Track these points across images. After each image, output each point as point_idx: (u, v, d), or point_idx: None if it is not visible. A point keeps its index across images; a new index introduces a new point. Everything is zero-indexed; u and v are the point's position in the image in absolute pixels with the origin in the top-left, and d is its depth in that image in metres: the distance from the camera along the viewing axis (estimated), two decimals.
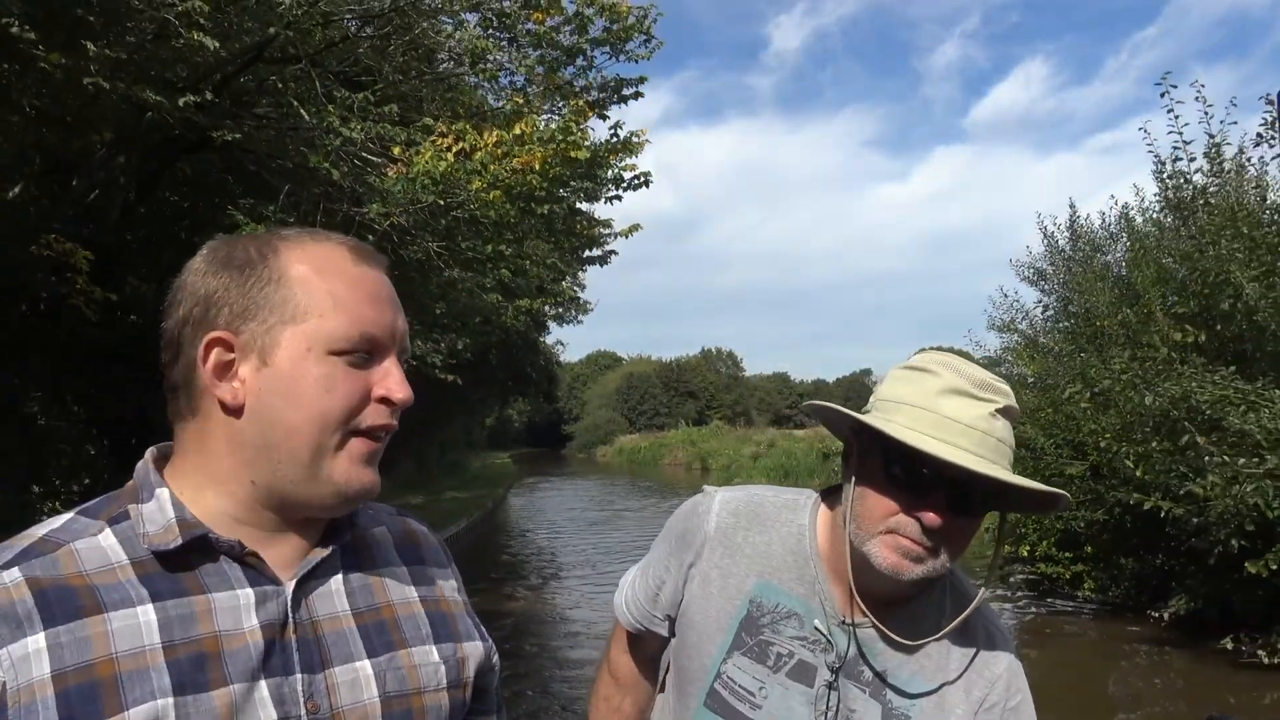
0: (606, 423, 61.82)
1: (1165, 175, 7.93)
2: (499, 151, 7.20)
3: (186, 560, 0.79)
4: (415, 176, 6.85)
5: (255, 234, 0.86)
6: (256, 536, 0.83)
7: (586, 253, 11.45)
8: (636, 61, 10.63)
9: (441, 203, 6.97)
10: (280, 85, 8.42)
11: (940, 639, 1.15)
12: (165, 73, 7.47)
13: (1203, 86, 7.85)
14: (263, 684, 0.78)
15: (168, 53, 7.32)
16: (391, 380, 0.84)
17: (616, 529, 17.58)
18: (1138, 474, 7.15)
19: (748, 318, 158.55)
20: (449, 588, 0.98)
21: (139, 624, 0.75)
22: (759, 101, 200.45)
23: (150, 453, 0.86)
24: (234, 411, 0.80)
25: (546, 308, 12.17)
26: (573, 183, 9.53)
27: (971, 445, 1.05)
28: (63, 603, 0.73)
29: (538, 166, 7.10)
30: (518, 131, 7.05)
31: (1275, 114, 7.11)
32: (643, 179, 10.01)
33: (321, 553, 0.85)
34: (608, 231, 10.92)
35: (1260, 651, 6.82)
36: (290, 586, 0.82)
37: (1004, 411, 1.09)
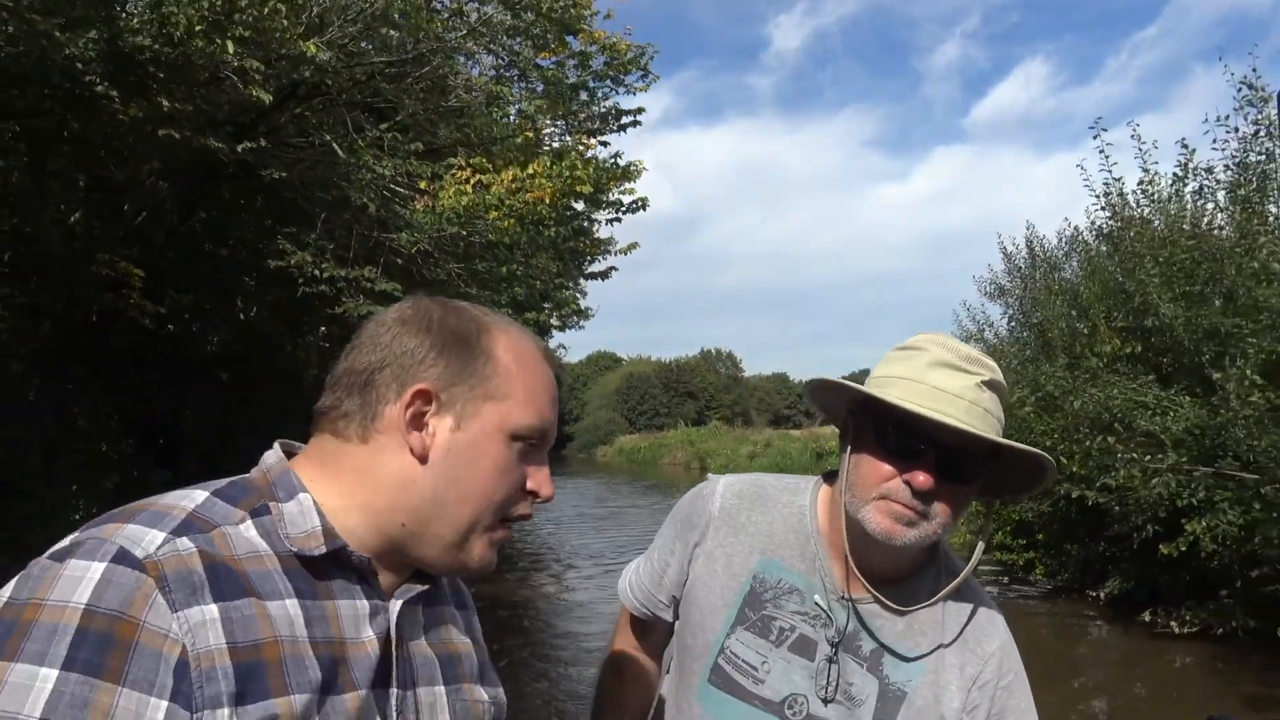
0: (607, 423, 62.19)
1: (1100, 207, 8.99)
2: (514, 186, 8.20)
3: (319, 565, 0.83)
4: (441, 212, 7.82)
5: (457, 305, 0.91)
6: (375, 561, 0.86)
7: (588, 268, 12.46)
8: (634, 93, 11.70)
9: (464, 233, 7.95)
10: (314, 121, 9.40)
11: (934, 604, 1.20)
12: (215, 113, 8.44)
13: (1138, 125, 8.84)
14: (372, 694, 0.82)
15: (218, 96, 8.30)
16: (543, 476, 0.90)
17: (618, 525, 18.52)
18: (1074, 469, 8.14)
19: (747, 318, 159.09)
20: (479, 635, 1.03)
21: (290, 616, 0.78)
22: (759, 101, 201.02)
23: (281, 449, 0.90)
24: (419, 458, 0.85)
25: (553, 320, 13.14)
26: (575, 205, 10.56)
27: (959, 412, 1.10)
28: (230, 581, 0.76)
29: (548, 200, 8.08)
30: (530, 171, 8.02)
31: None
32: (640, 203, 11.05)
33: (421, 585, 0.90)
34: (609, 250, 11.94)
35: (1172, 623, 7.83)
36: (397, 606, 0.86)
37: (990, 384, 1.15)
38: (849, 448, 1.19)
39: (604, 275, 12.36)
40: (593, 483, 32.53)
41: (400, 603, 0.86)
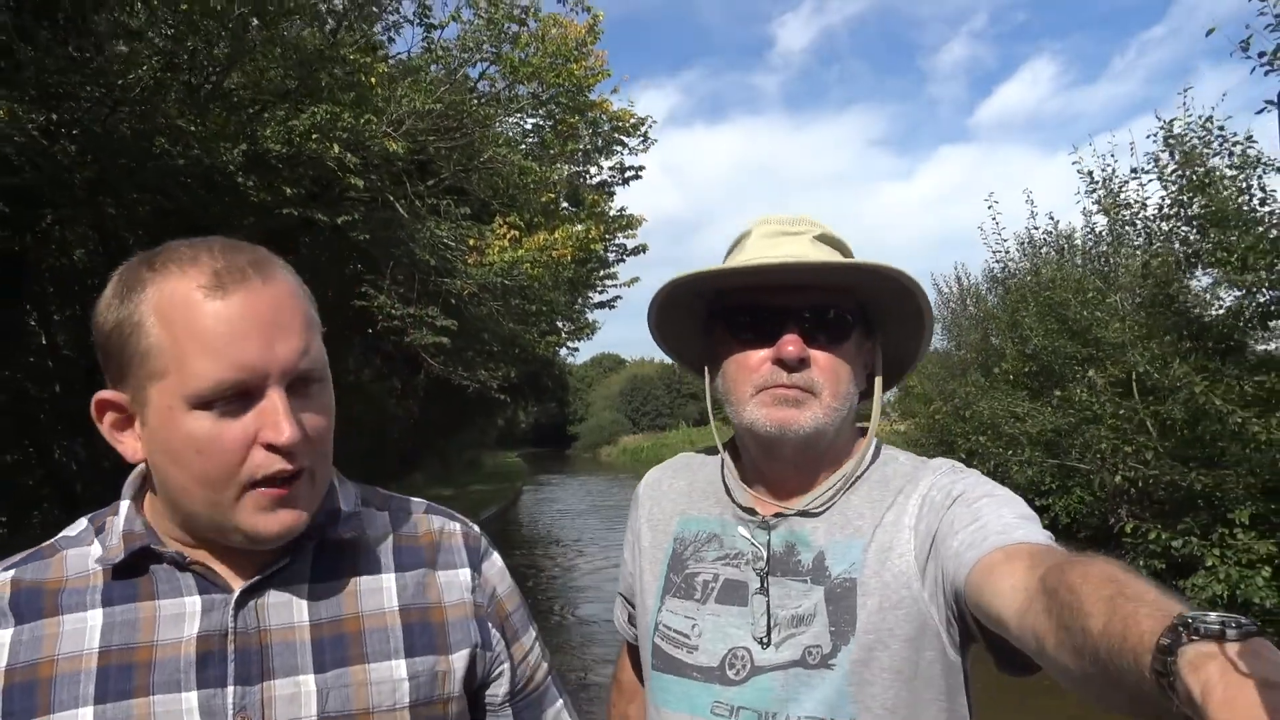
0: (611, 424, 64.01)
1: (995, 260, 11.54)
2: (544, 244, 10.72)
3: (145, 569, 0.83)
4: (490, 265, 10.34)
5: (141, 260, 0.81)
6: (217, 549, 0.85)
7: (596, 298, 15.01)
8: (636, 154, 14.21)
9: (507, 282, 10.46)
10: (379, 184, 11.88)
11: (861, 482, 1.10)
12: (309, 186, 10.94)
13: (1033, 191, 11.32)
14: (192, 695, 0.79)
15: (312, 171, 10.81)
16: (272, 421, 0.78)
17: (624, 515, 20.99)
18: (974, 465, 10.63)
19: None
20: (453, 591, 0.94)
21: (85, 628, 0.79)
22: (765, 101, 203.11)
23: (140, 468, 0.89)
24: (137, 464, 0.84)
25: (569, 343, 15.67)
26: (592, 247, 13.08)
27: (795, 252, 1.06)
28: (31, 603, 0.80)
29: (569, 257, 10.60)
30: (556, 236, 10.54)
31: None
32: (641, 248, 13.57)
33: (280, 562, 0.85)
34: (614, 283, 14.47)
35: None
36: (234, 595, 0.83)
37: (824, 238, 1.09)
38: (710, 372, 1.15)
39: (610, 304, 14.88)
40: (598, 480, 34.83)
41: (237, 593, 0.82)
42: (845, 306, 1.07)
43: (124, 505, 0.85)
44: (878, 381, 1.15)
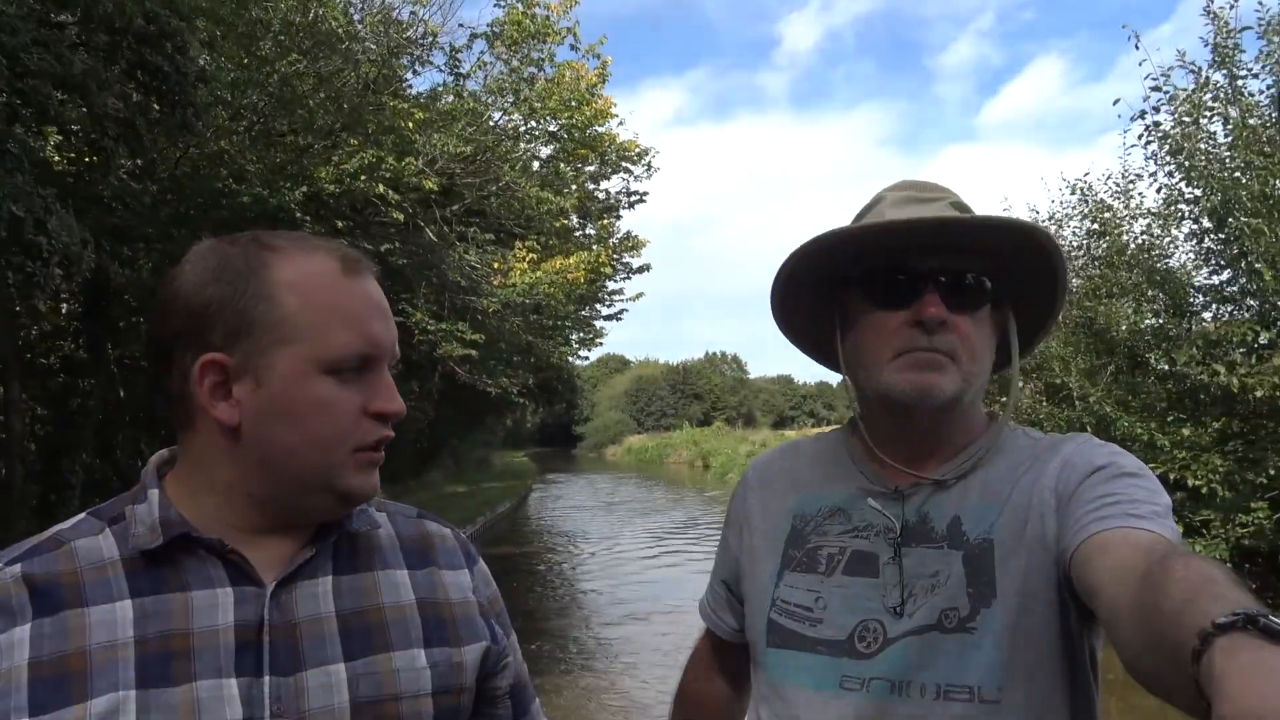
0: (616, 424, 64.46)
1: None
2: (560, 267, 12.22)
3: (172, 558, 0.83)
4: (513, 285, 11.84)
5: (243, 242, 0.85)
6: (247, 539, 0.86)
7: (604, 311, 16.50)
8: (640, 180, 15.68)
9: (526, 300, 11.96)
10: (410, 209, 13.34)
11: (989, 459, 1.06)
12: (345, 213, 12.40)
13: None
14: (232, 683, 0.80)
15: (354, 204, 12.29)
16: (385, 394, 0.86)
17: (629, 510, 22.41)
18: None
19: (753, 319, 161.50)
20: (458, 590, 0.98)
21: (115, 618, 0.79)
22: (770, 100, 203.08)
23: (156, 457, 0.91)
24: (231, 431, 0.83)
25: (579, 351, 17.15)
26: (602, 270, 14.56)
27: (933, 214, 1.06)
28: (51, 596, 0.79)
29: (582, 279, 12.09)
30: (571, 262, 12.04)
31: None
32: (645, 267, 15.04)
33: (307, 553, 0.87)
34: (622, 298, 15.96)
35: None
36: (270, 587, 0.84)
37: (958, 206, 1.09)
38: (844, 339, 1.12)
39: (616, 317, 16.39)
40: (604, 479, 35.83)
41: (273, 584, 0.85)
42: (980, 271, 1.05)
43: (154, 494, 0.86)
44: (1014, 353, 1.13)
